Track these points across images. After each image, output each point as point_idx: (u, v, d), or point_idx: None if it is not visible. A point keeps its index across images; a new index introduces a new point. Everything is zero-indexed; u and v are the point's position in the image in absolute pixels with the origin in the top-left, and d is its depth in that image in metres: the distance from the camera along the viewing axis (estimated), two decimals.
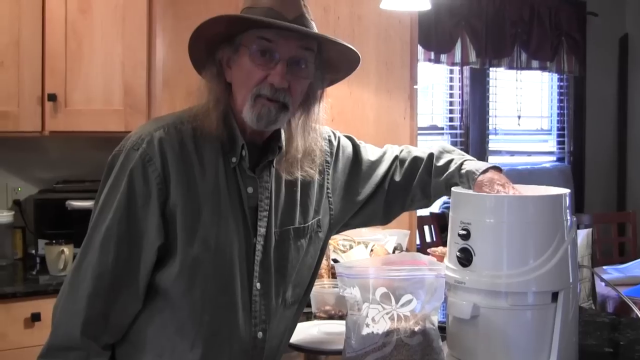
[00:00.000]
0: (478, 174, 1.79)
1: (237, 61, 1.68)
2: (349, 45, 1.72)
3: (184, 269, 1.62)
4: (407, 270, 1.72)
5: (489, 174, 1.79)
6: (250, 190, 1.72)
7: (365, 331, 1.66)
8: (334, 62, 1.77)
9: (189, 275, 1.63)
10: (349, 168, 1.95)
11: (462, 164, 1.86)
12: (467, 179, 1.81)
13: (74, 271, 1.63)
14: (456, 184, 1.87)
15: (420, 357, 1.64)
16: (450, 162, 1.90)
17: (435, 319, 1.70)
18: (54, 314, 1.66)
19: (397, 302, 1.67)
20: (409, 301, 1.68)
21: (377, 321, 1.67)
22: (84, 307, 1.58)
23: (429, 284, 1.70)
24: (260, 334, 1.74)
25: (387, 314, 1.67)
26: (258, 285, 1.73)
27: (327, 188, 1.90)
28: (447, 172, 1.88)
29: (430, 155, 1.95)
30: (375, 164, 1.98)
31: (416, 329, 1.65)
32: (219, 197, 1.67)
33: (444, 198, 5.49)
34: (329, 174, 1.90)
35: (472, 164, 1.84)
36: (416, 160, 1.97)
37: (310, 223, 1.85)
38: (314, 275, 1.93)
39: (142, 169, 1.62)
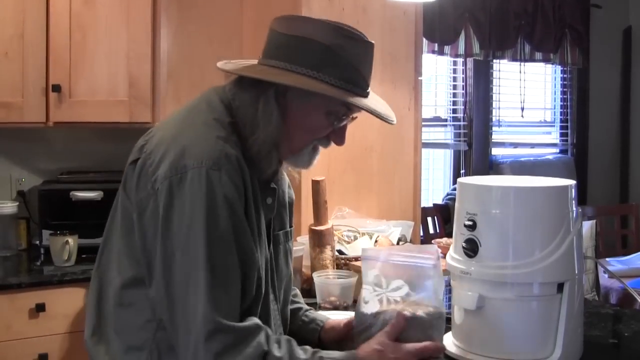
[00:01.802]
0: None
1: (306, 107, 1.65)
2: (393, 122, 1.76)
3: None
4: (403, 256, 1.75)
5: None
6: (269, 200, 1.74)
7: (360, 310, 1.72)
8: None
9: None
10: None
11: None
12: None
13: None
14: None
15: (404, 342, 1.66)
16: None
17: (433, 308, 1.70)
18: None
19: (387, 286, 1.71)
20: (400, 287, 1.70)
21: (367, 302, 1.71)
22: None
23: (422, 272, 1.72)
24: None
25: (377, 296, 1.71)
26: (272, 295, 1.77)
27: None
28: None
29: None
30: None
31: (409, 314, 1.67)
32: (260, 218, 1.67)
33: (448, 189, 5.50)
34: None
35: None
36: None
37: (292, 228, 1.92)
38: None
39: (236, 190, 1.54)
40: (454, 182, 5.47)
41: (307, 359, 1.54)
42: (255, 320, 1.53)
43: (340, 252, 2.76)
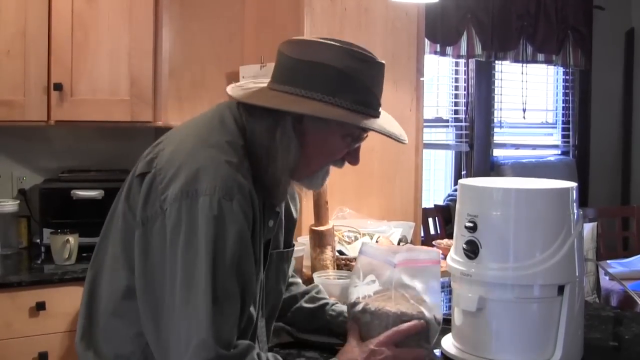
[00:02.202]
0: None
1: (324, 133, 1.65)
2: (405, 141, 1.76)
3: None
4: (384, 254, 1.81)
5: None
6: (271, 223, 1.73)
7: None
8: None
9: None
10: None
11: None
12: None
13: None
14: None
15: (365, 334, 1.71)
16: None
17: (405, 308, 1.73)
18: None
19: (363, 279, 1.76)
20: (372, 281, 1.75)
21: (349, 292, 1.79)
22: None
23: (391, 271, 1.76)
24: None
25: (354, 287, 1.78)
26: (260, 311, 1.77)
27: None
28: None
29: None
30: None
31: (372, 308, 1.71)
32: (259, 243, 1.67)
33: (449, 190, 5.50)
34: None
35: None
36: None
37: (291, 248, 1.92)
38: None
39: (245, 220, 1.53)
40: (455, 183, 5.46)
41: None
42: (246, 342, 1.52)
43: (340, 252, 2.76)
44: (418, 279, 1.76)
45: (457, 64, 5.50)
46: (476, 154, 5.55)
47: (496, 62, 5.62)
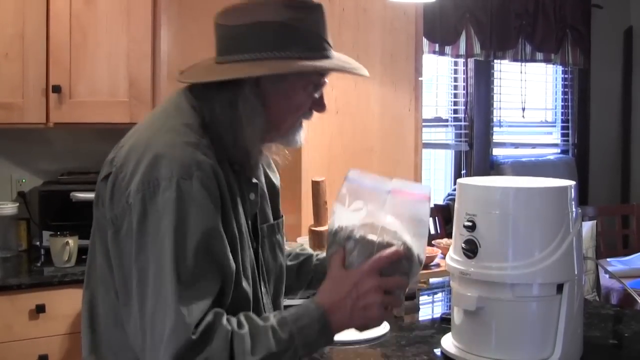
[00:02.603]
0: None
1: (284, 90, 1.62)
2: (365, 74, 1.72)
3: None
4: (376, 181, 1.70)
5: None
6: (252, 196, 1.71)
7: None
8: None
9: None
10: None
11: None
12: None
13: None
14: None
15: (348, 263, 1.59)
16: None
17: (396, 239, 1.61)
18: None
19: (348, 206, 1.66)
20: (358, 209, 1.64)
21: (331, 220, 1.67)
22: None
23: (383, 200, 1.65)
24: None
25: (339, 214, 1.66)
26: (263, 288, 1.75)
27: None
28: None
29: None
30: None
31: (357, 235, 1.60)
32: (238, 218, 1.64)
33: (449, 189, 5.50)
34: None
35: None
36: None
37: (280, 219, 1.88)
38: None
39: (209, 197, 1.50)
40: (455, 183, 5.46)
41: (265, 325, 1.49)
42: (210, 314, 1.46)
43: None
44: (407, 214, 1.64)
45: (456, 64, 5.50)
46: (476, 153, 5.55)
47: (495, 61, 5.62)
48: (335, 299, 1.55)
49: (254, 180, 1.72)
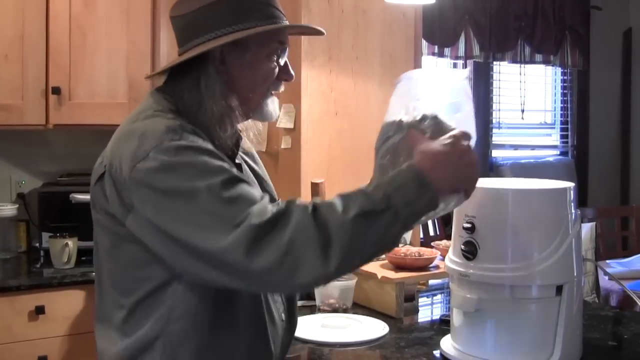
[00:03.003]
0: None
1: (247, 62, 1.64)
2: (322, 31, 1.75)
3: None
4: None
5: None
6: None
7: (384, 122, 1.72)
8: None
9: None
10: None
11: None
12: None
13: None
14: None
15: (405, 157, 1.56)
16: None
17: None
18: None
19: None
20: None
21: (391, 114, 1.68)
22: None
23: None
24: (283, 315, 1.75)
25: (402, 107, 1.65)
26: None
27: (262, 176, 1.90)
28: None
29: None
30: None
31: (431, 115, 1.59)
32: None
33: None
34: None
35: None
36: None
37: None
38: None
39: (204, 141, 1.52)
40: None
41: (355, 193, 1.45)
42: (281, 203, 1.45)
43: None
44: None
45: (455, 65, 5.51)
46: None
47: (494, 63, 5.63)
48: (431, 158, 1.49)
49: (237, 161, 1.73)
